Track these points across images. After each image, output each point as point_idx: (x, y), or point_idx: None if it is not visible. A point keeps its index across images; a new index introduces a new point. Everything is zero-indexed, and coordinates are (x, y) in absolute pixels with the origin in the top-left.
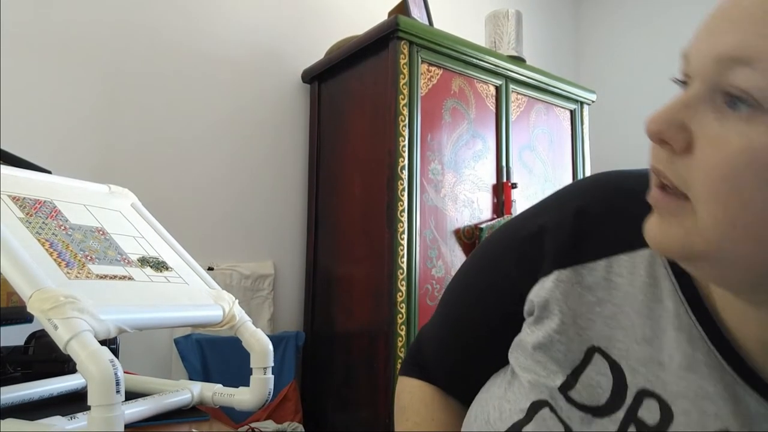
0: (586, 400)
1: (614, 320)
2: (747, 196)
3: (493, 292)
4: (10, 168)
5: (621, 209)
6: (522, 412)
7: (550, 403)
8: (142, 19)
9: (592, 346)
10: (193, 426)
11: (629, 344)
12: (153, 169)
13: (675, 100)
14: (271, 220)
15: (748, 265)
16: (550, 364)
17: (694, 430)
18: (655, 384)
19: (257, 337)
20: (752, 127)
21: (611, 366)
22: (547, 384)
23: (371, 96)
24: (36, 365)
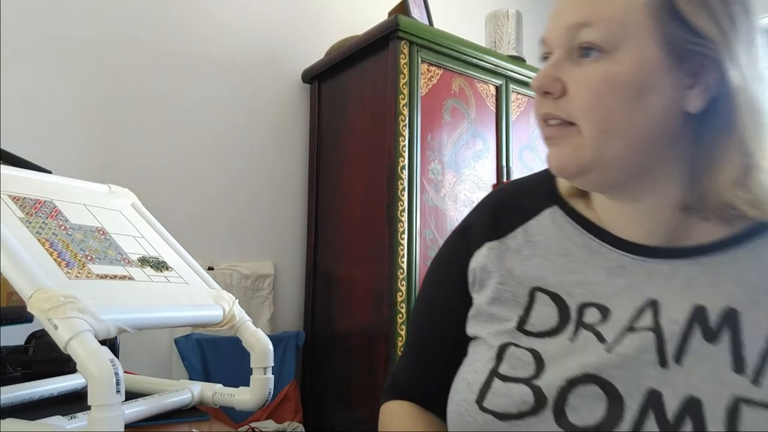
0: (540, 328)
1: (542, 266)
2: (612, 108)
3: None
4: (10, 168)
5: (521, 194)
6: (492, 359)
7: (513, 342)
8: (142, 20)
9: (532, 287)
10: (193, 426)
11: (560, 277)
12: (153, 169)
13: (547, 64)
14: (271, 220)
15: (621, 165)
16: (503, 313)
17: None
18: (589, 296)
19: (257, 337)
20: (602, 64)
21: (552, 297)
22: (505, 328)
23: (371, 96)
24: (36, 365)
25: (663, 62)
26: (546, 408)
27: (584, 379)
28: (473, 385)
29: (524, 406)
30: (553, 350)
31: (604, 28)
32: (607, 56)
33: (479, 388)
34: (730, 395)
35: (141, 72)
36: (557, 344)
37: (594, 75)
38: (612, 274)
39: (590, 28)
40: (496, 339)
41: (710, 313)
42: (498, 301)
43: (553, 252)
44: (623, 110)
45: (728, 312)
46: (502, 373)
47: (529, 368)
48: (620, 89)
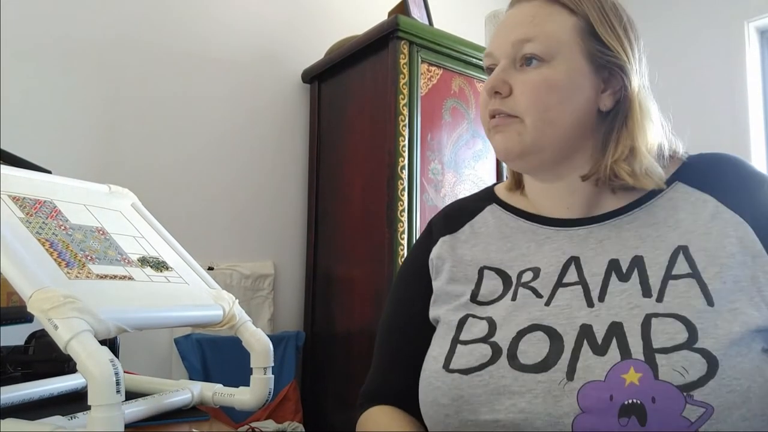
0: (490, 297)
1: (486, 250)
2: (549, 104)
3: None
4: (10, 168)
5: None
6: (453, 330)
7: (470, 313)
8: (142, 20)
9: (480, 266)
10: (193, 426)
11: (501, 255)
12: (153, 169)
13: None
14: (271, 220)
15: (552, 149)
16: (458, 290)
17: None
18: (525, 264)
19: (257, 337)
20: (542, 70)
21: (496, 271)
22: (460, 302)
23: (371, 96)
24: (36, 365)
25: (586, 70)
26: (501, 356)
27: (530, 328)
28: (439, 357)
29: (483, 359)
30: (501, 312)
31: (544, 43)
32: (545, 64)
33: (444, 357)
34: (642, 314)
35: (141, 72)
36: (504, 306)
37: (536, 78)
38: (541, 244)
39: (532, 43)
40: (455, 314)
41: (622, 263)
42: (453, 281)
43: (493, 237)
44: (558, 105)
45: (634, 258)
46: (462, 339)
47: (484, 330)
48: (556, 89)
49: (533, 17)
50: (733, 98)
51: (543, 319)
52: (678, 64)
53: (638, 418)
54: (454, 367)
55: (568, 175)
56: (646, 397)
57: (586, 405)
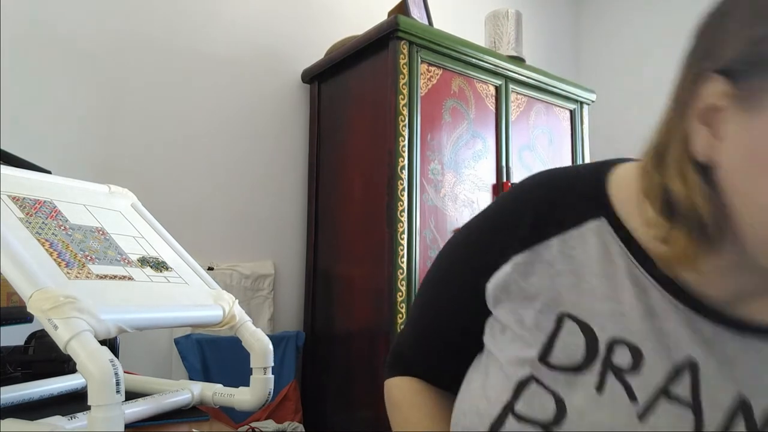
0: (565, 362)
1: (576, 287)
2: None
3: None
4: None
5: (566, 193)
6: (509, 391)
7: (534, 375)
8: (142, 20)
9: (560, 312)
10: (193, 426)
11: (593, 304)
12: (153, 170)
13: None
14: (271, 220)
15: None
16: (524, 336)
17: (662, 362)
18: (622, 332)
19: (257, 337)
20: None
21: (581, 326)
22: (525, 357)
23: (371, 96)
24: (36, 365)
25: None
26: None
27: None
28: (485, 417)
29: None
30: (578, 401)
31: None
32: None
33: (491, 422)
34: None
35: (141, 72)
36: (583, 393)
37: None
38: (650, 314)
39: None
40: (515, 370)
41: (755, 409)
42: (519, 323)
43: (590, 272)
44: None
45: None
46: (518, 411)
47: (548, 412)
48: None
49: None
50: None
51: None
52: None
53: None
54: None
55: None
56: None
57: None
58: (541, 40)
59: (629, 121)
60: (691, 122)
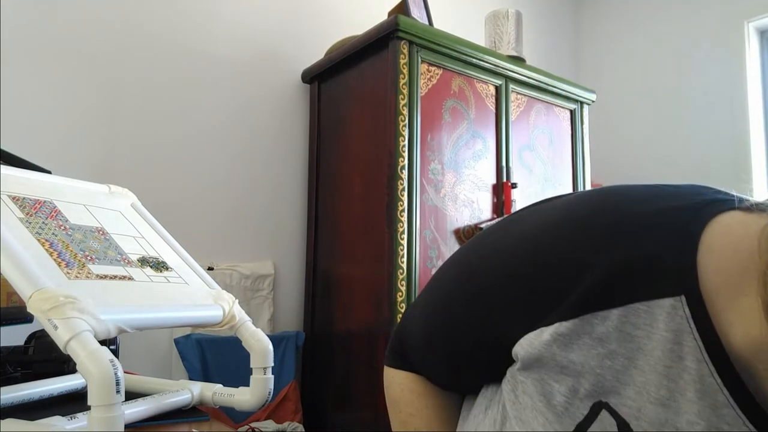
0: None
1: (626, 375)
2: None
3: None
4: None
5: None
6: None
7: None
8: (141, 19)
9: (599, 401)
10: (193, 426)
11: (641, 403)
12: (153, 169)
13: None
14: (271, 220)
15: None
16: (548, 419)
17: None
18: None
19: (257, 337)
20: None
21: (619, 425)
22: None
23: (371, 96)
24: (36, 365)
25: None
26: None
27: None
28: None
29: None
30: None
31: None
32: None
33: None
34: None
35: (141, 72)
36: None
37: None
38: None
39: None
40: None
41: None
42: (545, 399)
43: (648, 363)
44: None
45: None
46: None
47: None
48: None
49: None
50: (732, 98)
51: None
52: (678, 64)
53: None
54: None
55: None
56: None
57: None
58: (541, 40)
59: (629, 121)
60: None
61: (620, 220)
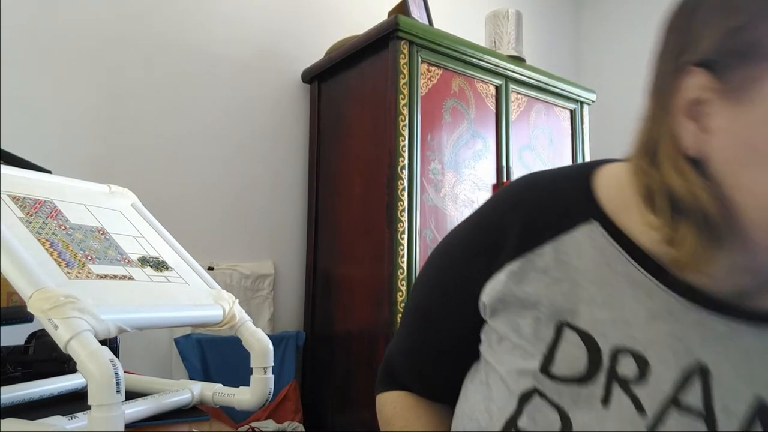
0: (568, 373)
1: (574, 295)
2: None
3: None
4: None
5: (554, 197)
6: (512, 405)
7: (538, 388)
8: (142, 19)
9: (559, 321)
10: (193, 426)
11: (593, 313)
12: (153, 169)
13: None
14: (271, 220)
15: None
16: (524, 346)
17: (670, 370)
18: (625, 340)
19: (257, 337)
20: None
21: (581, 336)
22: (527, 368)
23: (371, 96)
24: (36, 365)
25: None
26: None
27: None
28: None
29: None
30: (583, 417)
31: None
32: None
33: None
34: None
35: (141, 72)
36: (588, 408)
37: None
38: (654, 317)
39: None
40: (517, 382)
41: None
42: (516, 332)
43: (587, 279)
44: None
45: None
46: (521, 427)
47: (553, 426)
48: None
49: None
50: None
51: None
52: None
53: None
54: None
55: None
56: None
57: None
58: (541, 40)
59: (629, 121)
60: (676, 118)
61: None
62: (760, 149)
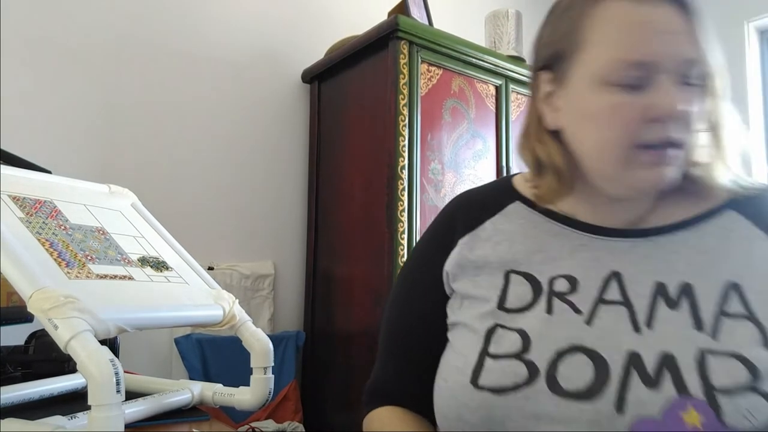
0: (519, 305)
1: (511, 250)
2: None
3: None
4: (10, 168)
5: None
6: (480, 342)
7: (498, 323)
8: (141, 20)
9: (506, 270)
10: (193, 426)
11: (528, 258)
12: (153, 169)
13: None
14: (271, 220)
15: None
16: (483, 294)
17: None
18: (557, 269)
19: (257, 337)
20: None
21: (524, 276)
22: (486, 309)
23: (371, 96)
24: (36, 365)
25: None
26: (539, 378)
27: (571, 349)
28: (465, 368)
29: (518, 378)
30: (535, 326)
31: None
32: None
33: (472, 370)
34: (696, 348)
35: (141, 72)
36: (537, 318)
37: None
38: (574, 251)
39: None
40: (481, 322)
41: (669, 288)
42: (476, 286)
43: (518, 236)
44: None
45: (683, 286)
46: (492, 352)
47: (516, 345)
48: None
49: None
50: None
51: (584, 339)
52: None
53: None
54: (484, 384)
55: None
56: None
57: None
58: None
59: None
60: (540, 106)
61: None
62: (581, 112)
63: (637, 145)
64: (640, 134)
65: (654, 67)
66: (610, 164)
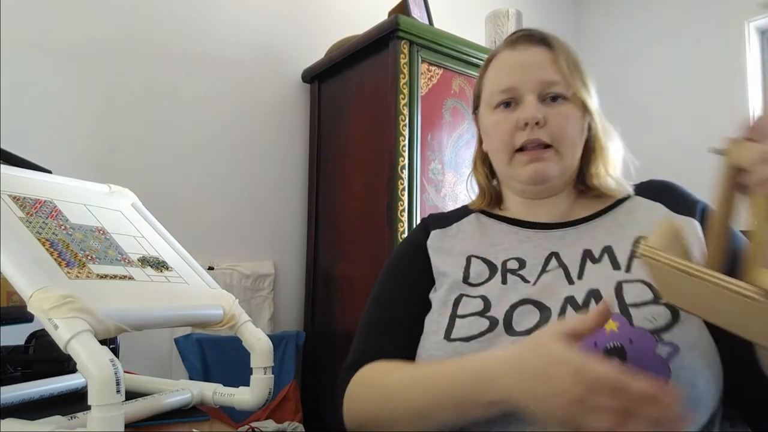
0: (479, 280)
1: (470, 242)
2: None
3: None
4: (10, 168)
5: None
6: (449, 308)
7: (463, 293)
8: (142, 20)
9: (468, 256)
10: (193, 426)
11: (486, 248)
12: (153, 169)
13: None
14: (271, 220)
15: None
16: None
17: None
18: (508, 254)
19: (257, 337)
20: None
21: (483, 260)
22: (454, 283)
23: (371, 96)
24: (36, 365)
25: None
26: (498, 326)
27: (522, 302)
28: (439, 330)
29: (482, 328)
30: (494, 292)
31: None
32: (567, 102)
33: (444, 329)
34: (615, 281)
35: (141, 71)
36: (495, 287)
37: (566, 112)
38: (521, 242)
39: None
40: (449, 294)
41: (594, 252)
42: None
43: (477, 234)
44: (578, 134)
45: (604, 248)
46: (460, 314)
47: (479, 306)
48: (577, 122)
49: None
50: (733, 98)
51: (531, 295)
52: (678, 64)
53: (620, 357)
54: (455, 337)
55: (561, 191)
56: (625, 339)
57: None
58: None
59: (628, 121)
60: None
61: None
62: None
63: (516, 149)
64: (515, 140)
65: (518, 90)
66: (503, 166)
